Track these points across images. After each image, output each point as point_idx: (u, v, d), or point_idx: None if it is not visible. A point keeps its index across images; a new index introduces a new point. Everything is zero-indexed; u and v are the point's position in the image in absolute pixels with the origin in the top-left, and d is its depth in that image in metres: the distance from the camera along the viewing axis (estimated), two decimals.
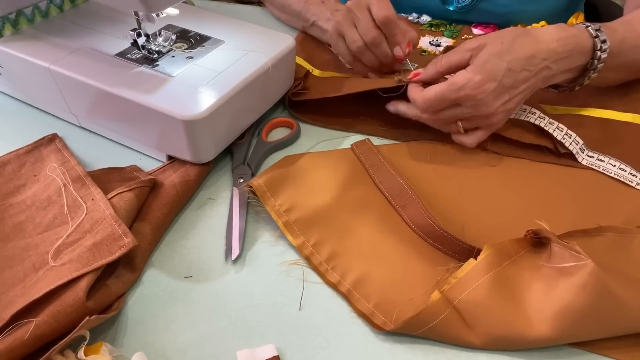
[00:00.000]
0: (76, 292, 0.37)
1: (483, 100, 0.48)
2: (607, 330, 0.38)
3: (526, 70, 0.49)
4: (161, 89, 0.49)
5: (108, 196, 0.45)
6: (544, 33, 0.50)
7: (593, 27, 0.51)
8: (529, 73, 0.49)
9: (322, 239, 0.45)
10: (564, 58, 0.50)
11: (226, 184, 0.52)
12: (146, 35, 0.53)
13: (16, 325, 0.36)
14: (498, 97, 0.49)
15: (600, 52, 0.51)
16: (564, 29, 0.51)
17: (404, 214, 0.47)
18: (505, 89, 0.49)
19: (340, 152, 0.55)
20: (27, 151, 0.52)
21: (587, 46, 0.51)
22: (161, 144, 0.51)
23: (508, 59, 0.48)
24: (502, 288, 0.39)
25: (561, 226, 0.42)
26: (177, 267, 0.44)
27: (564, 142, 0.53)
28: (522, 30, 0.51)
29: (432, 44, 0.72)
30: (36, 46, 0.53)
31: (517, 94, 0.50)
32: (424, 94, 0.49)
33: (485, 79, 0.47)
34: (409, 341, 0.39)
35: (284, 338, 0.39)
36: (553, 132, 0.53)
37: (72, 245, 0.42)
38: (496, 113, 0.50)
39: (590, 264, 0.36)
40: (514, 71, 0.48)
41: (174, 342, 0.39)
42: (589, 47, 0.51)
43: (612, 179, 0.51)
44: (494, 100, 0.49)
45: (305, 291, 0.43)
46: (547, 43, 0.49)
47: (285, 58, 0.56)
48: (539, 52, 0.49)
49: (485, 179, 0.52)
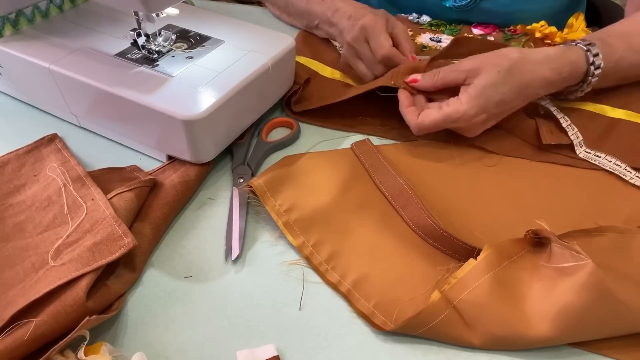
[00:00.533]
0: (76, 292, 0.37)
1: (471, 128, 0.52)
2: (607, 330, 0.38)
3: (516, 99, 0.51)
4: (161, 89, 0.49)
5: (108, 196, 0.45)
6: (540, 61, 0.51)
7: (592, 52, 0.52)
8: (519, 101, 0.52)
9: (322, 239, 0.45)
10: (555, 84, 0.52)
11: (226, 184, 0.52)
12: (146, 35, 0.53)
13: (16, 325, 0.35)
14: (484, 124, 0.52)
15: (592, 78, 0.53)
16: (565, 54, 0.52)
17: (404, 214, 0.47)
18: (493, 116, 0.52)
19: (340, 152, 0.55)
20: (27, 151, 0.52)
21: (581, 72, 0.53)
22: (161, 144, 0.51)
23: (502, 91, 0.50)
24: (502, 288, 0.39)
25: (561, 226, 0.42)
26: (177, 267, 0.44)
27: (567, 132, 0.54)
28: (519, 57, 0.51)
29: (433, 40, 0.72)
30: (36, 46, 0.53)
31: (501, 117, 0.53)
32: (419, 121, 0.51)
33: (477, 112, 0.50)
34: (409, 341, 0.39)
35: (284, 338, 0.39)
36: (560, 119, 0.54)
37: (72, 245, 0.42)
38: (476, 134, 0.54)
39: (590, 264, 0.36)
40: (505, 102, 0.51)
41: (174, 342, 0.39)
42: (582, 72, 0.53)
43: (611, 179, 0.51)
44: (480, 128, 0.53)
45: (305, 291, 0.43)
46: (542, 72, 0.51)
47: (285, 58, 0.56)
48: (533, 82, 0.51)
49: (485, 179, 0.52)
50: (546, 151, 0.54)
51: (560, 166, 0.53)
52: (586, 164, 0.53)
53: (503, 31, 0.73)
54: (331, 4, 0.67)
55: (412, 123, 0.52)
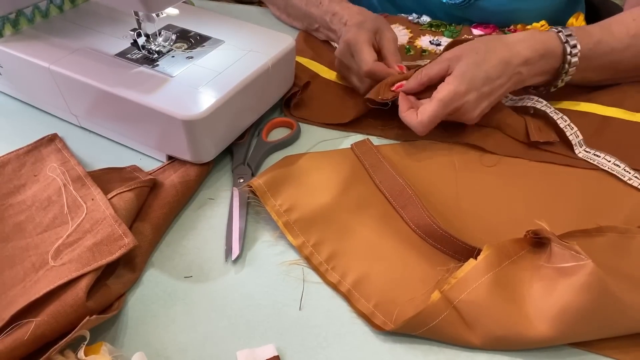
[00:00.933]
0: (76, 292, 0.37)
1: (466, 109, 0.52)
2: (607, 330, 0.38)
3: (501, 77, 0.52)
4: (161, 89, 0.49)
5: (108, 196, 0.45)
6: (514, 40, 0.53)
7: (564, 33, 0.54)
8: (504, 79, 0.52)
9: (322, 239, 0.45)
10: (534, 63, 0.53)
11: (226, 184, 0.52)
12: (146, 35, 0.53)
13: (16, 325, 0.36)
14: (478, 104, 0.52)
15: (571, 57, 0.53)
16: (534, 35, 0.54)
17: (404, 214, 0.47)
18: (484, 96, 0.52)
19: (340, 152, 0.55)
20: (27, 151, 0.52)
21: (557, 51, 0.54)
22: (161, 144, 0.51)
23: (485, 68, 0.51)
24: (502, 288, 0.39)
25: (561, 226, 0.42)
26: (177, 267, 0.44)
27: (565, 132, 0.54)
28: (494, 38, 0.54)
29: (433, 43, 0.72)
30: (36, 46, 0.53)
31: (494, 99, 0.53)
32: (420, 119, 0.51)
33: (468, 89, 0.50)
34: (409, 341, 0.39)
35: (284, 338, 0.39)
36: (557, 120, 0.54)
37: (72, 245, 0.42)
38: (473, 117, 0.53)
39: (590, 264, 0.36)
40: (491, 79, 0.51)
41: (174, 342, 0.39)
42: (559, 52, 0.54)
43: (611, 180, 0.51)
44: (475, 108, 0.52)
45: (305, 291, 0.43)
46: (518, 49, 0.52)
47: (285, 58, 0.56)
48: (512, 58, 0.52)
49: (485, 179, 0.52)
50: (546, 151, 0.54)
51: (560, 166, 0.53)
52: (586, 164, 0.53)
53: (503, 31, 0.73)
54: (328, 7, 0.67)
55: (413, 124, 0.52)
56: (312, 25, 0.71)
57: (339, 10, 0.66)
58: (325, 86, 0.65)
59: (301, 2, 0.71)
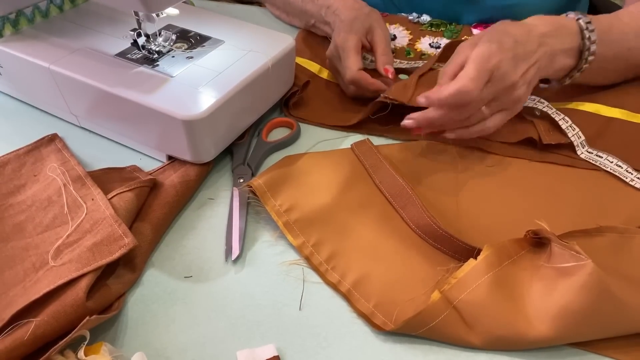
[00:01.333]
0: (76, 292, 0.37)
1: (506, 69, 0.47)
2: (607, 330, 0.38)
3: (529, 42, 0.49)
4: (161, 89, 0.49)
5: (108, 196, 0.45)
6: (525, 20, 0.52)
7: (574, 14, 0.53)
8: (534, 45, 0.50)
9: (322, 239, 0.45)
10: (554, 36, 0.51)
11: (226, 184, 0.52)
12: (146, 35, 0.53)
13: (16, 325, 0.35)
14: (517, 65, 0.48)
15: (589, 32, 0.52)
16: (542, 16, 0.53)
17: (404, 214, 0.47)
18: (521, 58, 0.48)
19: (340, 152, 0.55)
20: (27, 151, 0.52)
21: (572, 27, 0.53)
22: (161, 144, 0.51)
23: (512, 32, 0.49)
24: (502, 288, 0.39)
25: (561, 226, 0.42)
26: (177, 267, 0.44)
27: (567, 133, 0.53)
28: (505, 22, 0.52)
29: (432, 46, 0.72)
30: (36, 46, 0.53)
31: (532, 65, 0.50)
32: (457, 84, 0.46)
33: (501, 47, 0.47)
34: (409, 341, 0.39)
35: (284, 338, 0.39)
36: (559, 121, 0.54)
37: (72, 245, 0.42)
38: (519, 85, 0.49)
39: (590, 264, 0.36)
40: (520, 42, 0.49)
41: (174, 342, 0.39)
42: (574, 28, 0.52)
43: (611, 180, 0.51)
44: (515, 68, 0.48)
45: (305, 291, 0.43)
46: (533, 24, 0.51)
47: (285, 58, 0.56)
48: (530, 28, 0.50)
49: (485, 179, 0.52)
50: (547, 152, 0.54)
51: (561, 166, 0.53)
52: (586, 164, 0.53)
53: None
54: (324, 0, 0.67)
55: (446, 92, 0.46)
56: (309, 21, 0.72)
57: (332, 3, 0.66)
58: (325, 86, 0.65)
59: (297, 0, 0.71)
